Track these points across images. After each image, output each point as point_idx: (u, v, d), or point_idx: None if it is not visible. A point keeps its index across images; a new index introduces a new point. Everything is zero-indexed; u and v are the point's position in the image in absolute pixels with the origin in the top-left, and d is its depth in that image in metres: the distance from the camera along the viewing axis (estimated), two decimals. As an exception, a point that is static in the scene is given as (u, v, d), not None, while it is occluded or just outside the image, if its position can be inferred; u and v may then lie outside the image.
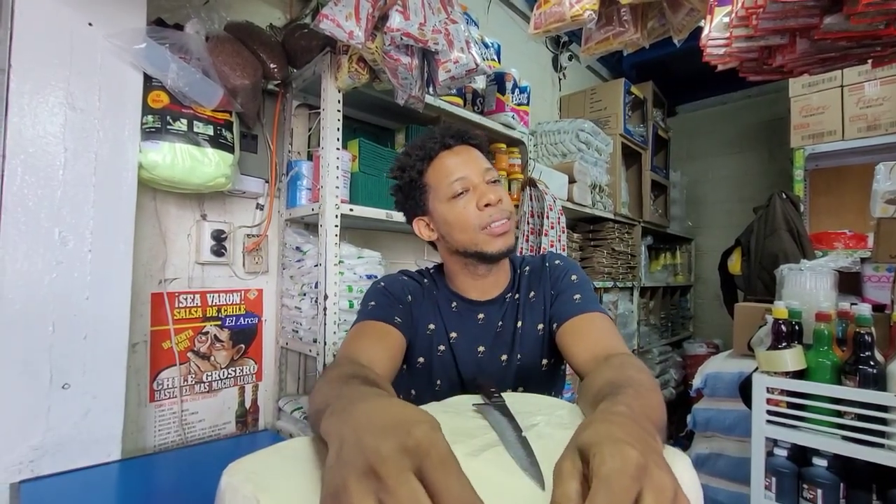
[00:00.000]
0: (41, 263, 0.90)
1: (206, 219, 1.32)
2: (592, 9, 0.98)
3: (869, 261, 1.42)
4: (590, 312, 0.78)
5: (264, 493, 0.37)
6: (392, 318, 0.80)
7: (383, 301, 0.83)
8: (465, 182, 0.80)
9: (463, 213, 0.80)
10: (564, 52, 2.92)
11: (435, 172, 0.82)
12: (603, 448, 0.32)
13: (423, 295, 0.89)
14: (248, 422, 1.41)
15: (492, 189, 0.81)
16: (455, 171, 0.81)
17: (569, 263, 0.90)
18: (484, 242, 0.80)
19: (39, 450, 0.89)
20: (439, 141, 0.83)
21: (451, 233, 0.82)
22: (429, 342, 0.86)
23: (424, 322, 0.87)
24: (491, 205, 0.79)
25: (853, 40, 0.79)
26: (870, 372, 0.99)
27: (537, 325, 0.85)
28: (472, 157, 0.83)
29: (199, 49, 1.12)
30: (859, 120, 2.21)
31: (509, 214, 0.81)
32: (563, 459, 0.34)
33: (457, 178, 0.80)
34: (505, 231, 0.80)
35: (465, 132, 0.85)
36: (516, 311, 0.87)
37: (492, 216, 0.79)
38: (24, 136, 0.89)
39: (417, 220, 0.88)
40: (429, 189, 0.83)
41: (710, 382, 1.56)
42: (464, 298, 0.88)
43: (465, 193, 0.80)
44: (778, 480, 1.11)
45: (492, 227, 0.79)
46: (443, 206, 0.82)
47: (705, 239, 3.82)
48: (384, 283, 0.88)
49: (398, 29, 1.08)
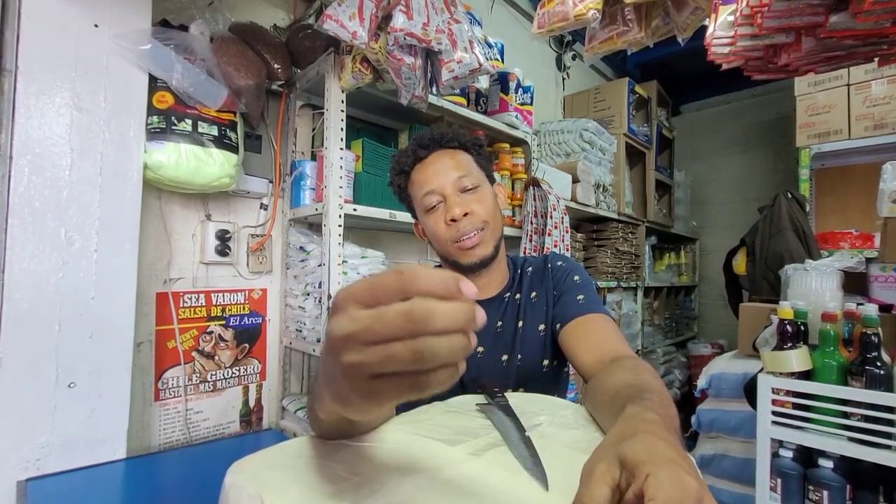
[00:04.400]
0: (47, 263, 0.91)
1: (210, 219, 1.33)
2: (596, 8, 0.97)
3: (875, 261, 1.41)
4: (593, 314, 0.78)
5: (268, 492, 0.37)
6: None
7: None
8: (437, 195, 0.80)
9: (434, 228, 0.81)
10: (568, 52, 2.91)
11: (412, 186, 0.84)
12: (659, 471, 0.29)
13: None
14: (252, 421, 1.41)
15: (459, 202, 0.79)
16: (426, 184, 0.81)
17: (571, 264, 0.89)
18: (456, 254, 0.82)
19: (46, 448, 0.90)
20: (412, 154, 0.83)
21: (432, 242, 0.85)
22: None
23: None
24: (456, 220, 0.78)
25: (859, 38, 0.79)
26: (876, 373, 0.98)
27: (538, 325, 0.85)
28: (444, 165, 0.81)
29: (204, 50, 1.12)
30: (865, 119, 2.20)
31: (482, 224, 0.80)
32: (598, 461, 0.32)
33: (427, 191, 0.80)
34: (476, 244, 0.80)
35: (441, 137, 0.83)
36: (517, 311, 0.86)
37: (459, 230, 0.79)
38: (30, 136, 0.89)
39: (415, 224, 0.91)
40: (413, 201, 0.85)
41: (714, 383, 1.56)
42: None
43: (438, 206, 0.81)
44: (783, 482, 1.10)
45: (461, 241, 0.80)
46: (424, 218, 0.84)
47: (710, 239, 3.81)
48: None
49: (401, 29, 1.08)
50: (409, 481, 0.38)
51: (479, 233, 0.80)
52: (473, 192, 0.81)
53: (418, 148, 0.82)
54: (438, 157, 0.82)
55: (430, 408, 0.61)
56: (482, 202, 0.81)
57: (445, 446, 0.45)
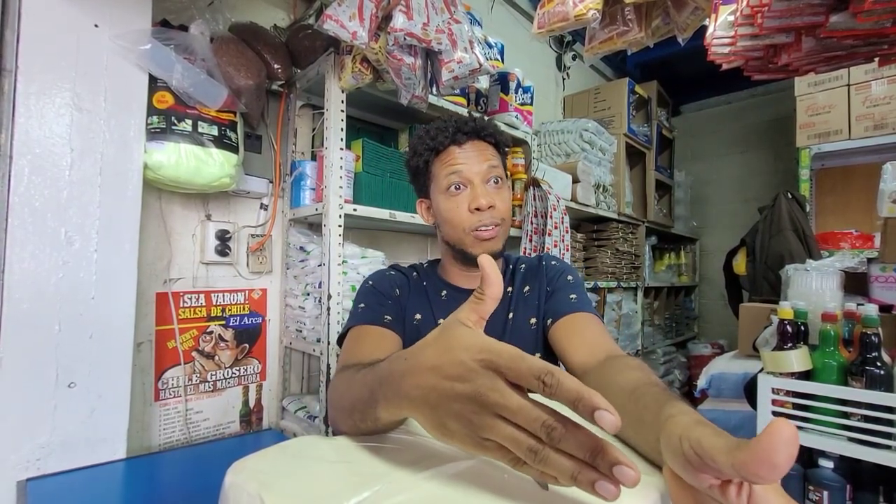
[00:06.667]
0: (48, 263, 0.91)
1: (210, 219, 1.33)
2: (596, 8, 0.97)
3: (876, 261, 1.40)
4: (585, 312, 0.79)
5: (268, 492, 0.37)
6: (381, 318, 0.81)
7: (372, 301, 0.84)
8: (463, 179, 0.80)
9: (454, 211, 0.81)
10: (568, 52, 2.91)
11: (439, 163, 0.83)
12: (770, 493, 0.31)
13: (409, 287, 0.89)
14: (252, 421, 1.41)
15: (486, 192, 0.80)
16: (455, 166, 0.81)
17: (564, 265, 0.91)
18: (469, 244, 0.81)
19: (46, 448, 0.90)
20: (450, 135, 0.82)
21: (443, 224, 0.84)
22: (416, 332, 0.86)
23: (412, 313, 0.87)
24: (481, 209, 0.79)
25: (859, 38, 0.79)
26: (877, 373, 0.98)
27: (530, 318, 0.85)
28: (479, 154, 0.82)
29: (204, 50, 1.12)
30: (866, 119, 2.20)
31: (500, 220, 0.81)
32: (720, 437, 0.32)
33: (454, 172, 0.80)
34: (491, 237, 0.80)
35: (482, 128, 0.83)
36: (508, 303, 0.87)
37: (480, 221, 0.79)
38: (30, 136, 0.89)
39: (420, 202, 0.90)
40: (432, 177, 0.84)
41: (714, 383, 1.55)
42: (453, 287, 0.88)
43: (461, 190, 0.81)
44: (783, 482, 1.10)
45: (478, 231, 0.80)
46: (439, 198, 0.83)
47: (710, 239, 3.81)
48: (372, 280, 0.89)
49: (401, 29, 1.08)
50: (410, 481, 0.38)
51: (496, 227, 0.81)
52: (498, 188, 0.82)
53: (458, 132, 0.82)
54: (476, 145, 0.83)
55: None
56: (503, 200, 0.82)
57: (445, 446, 0.45)
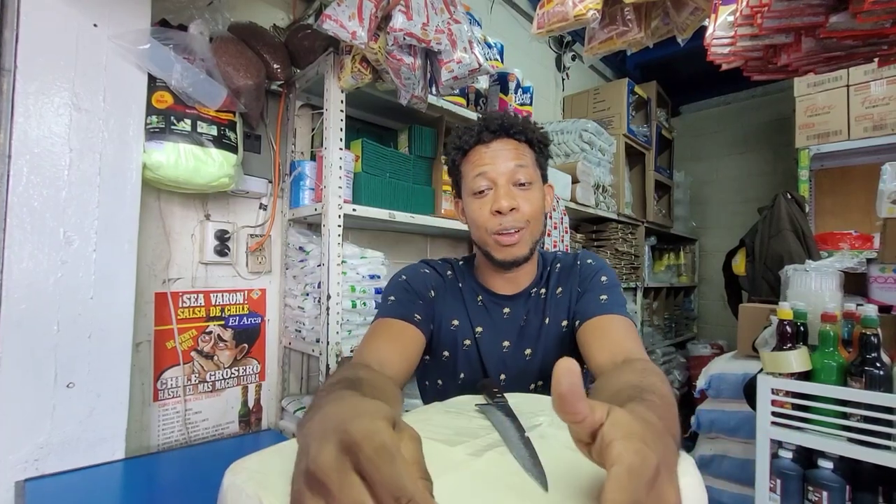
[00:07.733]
0: (46, 263, 0.90)
1: (209, 219, 1.33)
2: (596, 8, 0.97)
3: (875, 261, 1.41)
4: (614, 315, 0.76)
5: (267, 493, 0.37)
6: (411, 315, 0.79)
7: (403, 297, 0.82)
8: (488, 180, 0.79)
9: (478, 213, 0.80)
10: (568, 52, 2.91)
11: (466, 164, 0.82)
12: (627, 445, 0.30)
13: (445, 288, 0.88)
14: (251, 421, 1.41)
15: (509, 194, 0.78)
16: (480, 167, 0.79)
17: (601, 264, 0.88)
18: (493, 247, 0.80)
19: (44, 448, 0.90)
20: (475, 135, 0.81)
21: (469, 226, 0.84)
22: (453, 337, 0.85)
23: (448, 317, 0.86)
24: (502, 212, 0.77)
25: (859, 39, 0.79)
26: (876, 373, 0.98)
27: (561, 321, 0.84)
28: (505, 154, 0.79)
29: (203, 50, 1.12)
30: (865, 119, 2.20)
31: (524, 223, 0.79)
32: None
33: (480, 174, 0.79)
34: (513, 242, 0.78)
35: (510, 126, 0.81)
36: (543, 307, 0.86)
37: (501, 224, 0.77)
38: (29, 136, 0.89)
39: (456, 202, 0.89)
40: (462, 178, 0.84)
41: (714, 383, 1.56)
42: (490, 292, 0.87)
43: (486, 192, 0.79)
44: (783, 482, 1.10)
45: (499, 235, 0.78)
46: (467, 199, 0.82)
47: (709, 239, 3.81)
48: (406, 275, 0.86)
49: (401, 29, 1.08)
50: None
51: (519, 231, 0.78)
52: (525, 189, 0.80)
53: (485, 130, 0.80)
54: (502, 144, 0.80)
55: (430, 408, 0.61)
56: (530, 201, 0.79)
57: (445, 447, 0.45)
